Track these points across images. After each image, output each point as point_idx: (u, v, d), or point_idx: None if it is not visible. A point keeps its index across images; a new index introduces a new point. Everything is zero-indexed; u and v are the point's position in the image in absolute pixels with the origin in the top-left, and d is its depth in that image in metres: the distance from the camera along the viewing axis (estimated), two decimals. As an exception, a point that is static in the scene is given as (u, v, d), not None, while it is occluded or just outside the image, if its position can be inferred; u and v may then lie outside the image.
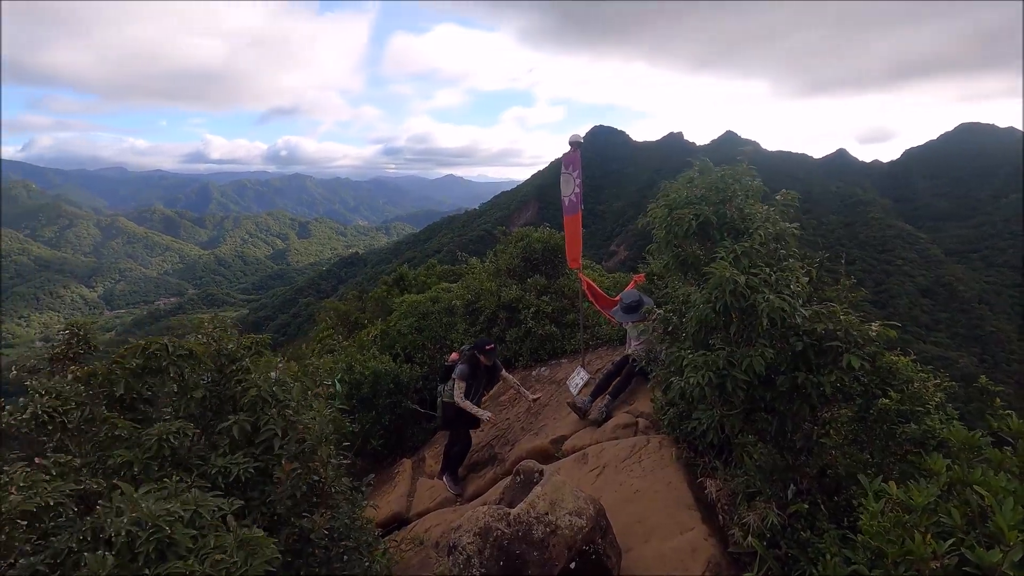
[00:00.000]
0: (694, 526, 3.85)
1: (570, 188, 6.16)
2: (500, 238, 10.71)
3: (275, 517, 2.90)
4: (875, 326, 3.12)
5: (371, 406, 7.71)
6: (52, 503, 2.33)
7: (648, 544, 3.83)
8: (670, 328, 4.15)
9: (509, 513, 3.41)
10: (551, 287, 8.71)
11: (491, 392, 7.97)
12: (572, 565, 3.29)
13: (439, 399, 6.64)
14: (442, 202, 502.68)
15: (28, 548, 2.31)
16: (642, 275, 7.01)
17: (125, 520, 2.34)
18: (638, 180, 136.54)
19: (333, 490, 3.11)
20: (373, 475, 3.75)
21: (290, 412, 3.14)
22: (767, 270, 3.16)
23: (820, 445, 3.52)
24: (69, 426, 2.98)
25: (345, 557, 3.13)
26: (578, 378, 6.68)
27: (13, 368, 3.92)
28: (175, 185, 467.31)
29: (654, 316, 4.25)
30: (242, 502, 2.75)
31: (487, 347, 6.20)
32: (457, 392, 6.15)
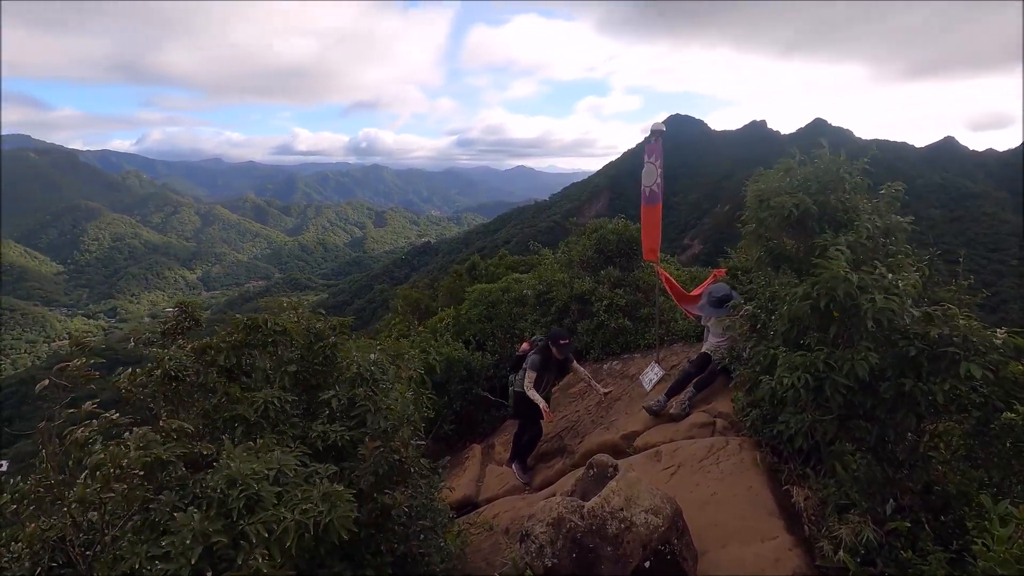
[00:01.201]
0: (777, 535, 3.66)
1: (652, 178, 5.98)
2: (572, 229, 10.61)
3: (359, 491, 3.03)
4: (1001, 333, 2.80)
5: (443, 391, 7.90)
6: (164, 459, 2.55)
7: (726, 549, 3.68)
8: (758, 325, 3.94)
9: (583, 506, 3.39)
10: (625, 280, 8.53)
11: (561, 383, 7.95)
12: (647, 564, 3.22)
13: (510, 388, 6.69)
14: (512, 193, 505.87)
15: (149, 496, 2.56)
16: (723, 269, 6.71)
17: (221, 480, 2.54)
18: (715, 171, 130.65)
19: (412, 470, 3.21)
20: (448, 458, 3.83)
21: (378, 392, 3.26)
22: (881, 268, 2.91)
23: (926, 459, 3.23)
24: (185, 388, 3.25)
25: (422, 536, 3.22)
26: (652, 373, 6.52)
27: (131, 340, 4.34)
28: (265, 175, 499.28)
29: (741, 312, 4.05)
30: (336, 468, 2.92)
31: (562, 340, 6.15)
32: (527, 382, 6.17)
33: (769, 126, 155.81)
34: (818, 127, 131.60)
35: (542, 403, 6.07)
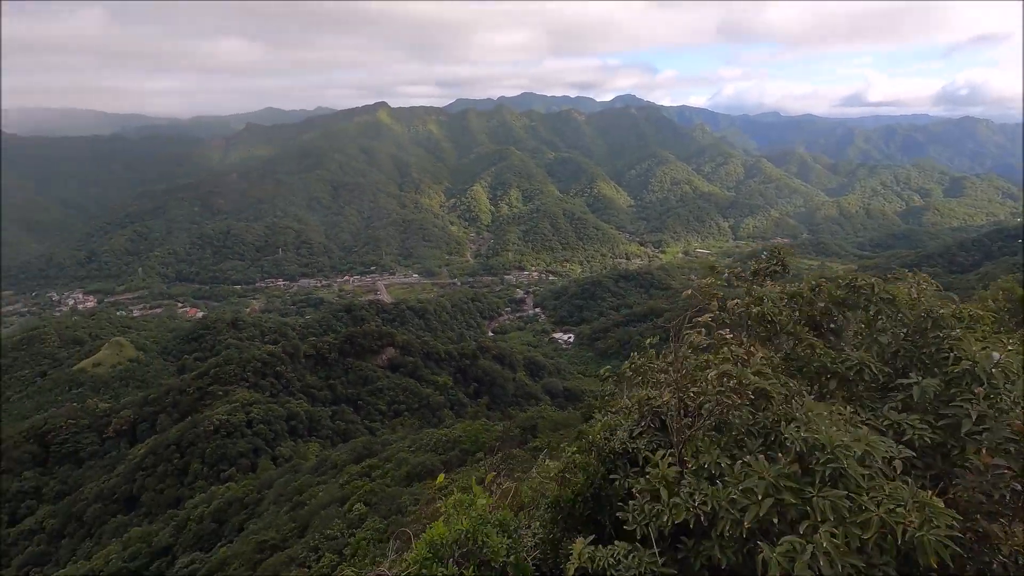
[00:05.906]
0: None
1: None
2: None
3: (954, 502, 2.65)
4: None
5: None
6: (771, 393, 2.89)
7: None
8: None
9: None
10: None
11: None
12: None
13: None
14: None
15: (749, 416, 3.00)
16: None
17: (801, 438, 2.63)
18: None
19: (1036, 512, 2.55)
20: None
21: (1002, 402, 2.70)
22: None
23: None
24: (773, 328, 3.58)
25: (1023, 592, 2.58)
26: None
27: (725, 273, 5.04)
28: (820, 130, 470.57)
29: None
30: (911, 453, 2.65)
31: None
32: None
33: None
34: None
35: None
